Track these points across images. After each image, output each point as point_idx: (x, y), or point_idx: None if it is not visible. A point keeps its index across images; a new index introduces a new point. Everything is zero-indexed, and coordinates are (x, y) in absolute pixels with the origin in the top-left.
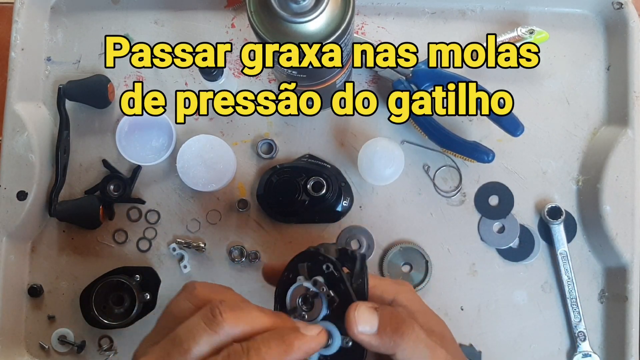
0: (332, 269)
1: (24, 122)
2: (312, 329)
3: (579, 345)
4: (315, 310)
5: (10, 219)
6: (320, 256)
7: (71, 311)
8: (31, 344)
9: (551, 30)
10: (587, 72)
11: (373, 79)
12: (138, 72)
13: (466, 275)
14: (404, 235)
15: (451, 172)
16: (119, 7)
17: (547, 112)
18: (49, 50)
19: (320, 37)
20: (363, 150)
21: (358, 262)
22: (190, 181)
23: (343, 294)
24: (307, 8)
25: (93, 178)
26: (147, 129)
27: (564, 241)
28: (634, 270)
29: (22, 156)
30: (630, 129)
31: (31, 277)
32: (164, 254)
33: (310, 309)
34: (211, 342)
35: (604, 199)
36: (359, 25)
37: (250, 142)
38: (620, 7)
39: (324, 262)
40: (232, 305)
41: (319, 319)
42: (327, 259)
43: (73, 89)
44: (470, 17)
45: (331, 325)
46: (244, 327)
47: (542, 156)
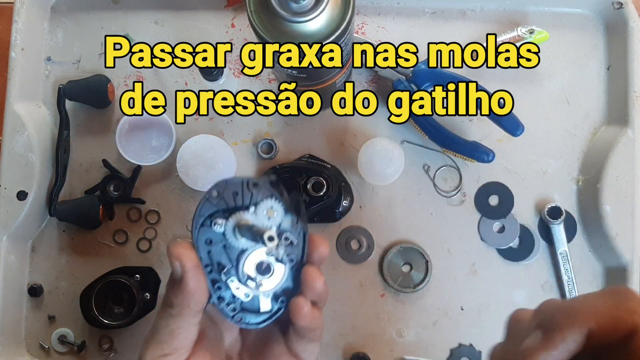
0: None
1: (24, 122)
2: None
3: None
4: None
5: (10, 218)
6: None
7: (71, 311)
8: (31, 343)
9: (551, 30)
10: (587, 72)
11: (373, 79)
12: (138, 72)
13: (466, 275)
14: (404, 235)
15: (451, 172)
16: (119, 7)
17: (547, 112)
18: (49, 50)
19: (320, 37)
20: (363, 150)
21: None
22: (190, 181)
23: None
24: (307, 8)
25: (93, 178)
26: (147, 129)
27: (564, 241)
28: (634, 271)
29: (22, 156)
30: (630, 129)
31: (31, 277)
32: (163, 254)
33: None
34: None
35: (604, 199)
36: (359, 25)
37: (250, 142)
38: (621, 7)
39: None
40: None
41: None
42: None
43: (73, 89)
44: (470, 16)
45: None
46: None
47: (542, 156)
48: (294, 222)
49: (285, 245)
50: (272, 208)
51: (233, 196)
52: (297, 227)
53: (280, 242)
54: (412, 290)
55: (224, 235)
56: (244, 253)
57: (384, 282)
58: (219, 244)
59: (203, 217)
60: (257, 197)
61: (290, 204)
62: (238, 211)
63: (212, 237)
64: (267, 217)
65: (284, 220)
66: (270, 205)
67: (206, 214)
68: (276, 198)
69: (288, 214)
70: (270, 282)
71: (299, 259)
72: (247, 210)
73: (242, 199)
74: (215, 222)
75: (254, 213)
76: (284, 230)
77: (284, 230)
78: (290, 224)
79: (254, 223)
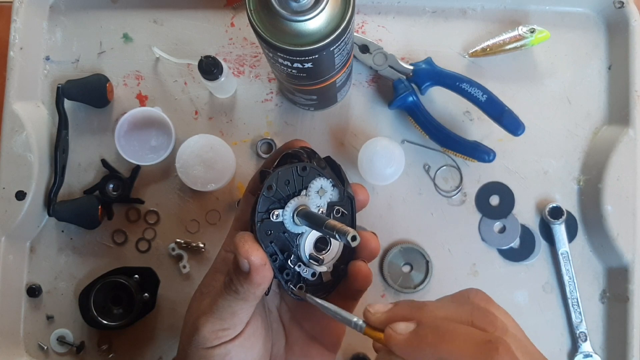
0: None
1: (23, 122)
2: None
3: (580, 346)
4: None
5: (8, 218)
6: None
7: (70, 311)
8: (30, 344)
9: (552, 30)
10: (588, 71)
11: (373, 78)
12: (137, 72)
13: (467, 275)
14: (405, 235)
15: (452, 172)
16: (117, 6)
17: (548, 111)
18: (47, 49)
19: (320, 36)
20: (363, 150)
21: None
22: (190, 181)
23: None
24: (307, 6)
25: (92, 178)
26: (146, 128)
27: (565, 241)
28: (635, 271)
29: (20, 156)
30: (632, 129)
31: (30, 277)
32: (163, 254)
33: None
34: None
35: (605, 199)
36: (359, 24)
37: (250, 142)
38: (622, 6)
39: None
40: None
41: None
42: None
43: (72, 89)
44: (471, 15)
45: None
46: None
47: (543, 156)
48: (341, 194)
49: (337, 217)
50: (322, 187)
51: (285, 185)
52: (344, 198)
53: (334, 213)
54: (412, 291)
55: (283, 224)
56: (303, 235)
57: (384, 282)
58: (279, 232)
59: (262, 213)
60: (307, 180)
61: (335, 177)
62: (293, 198)
63: (272, 228)
64: (319, 197)
65: (333, 194)
66: (320, 185)
67: (264, 210)
68: (323, 176)
69: (335, 188)
70: (329, 255)
71: (349, 224)
72: (300, 195)
73: (294, 186)
74: (273, 214)
75: (307, 195)
76: (334, 203)
77: (334, 203)
78: (339, 196)
79: (308, 205)
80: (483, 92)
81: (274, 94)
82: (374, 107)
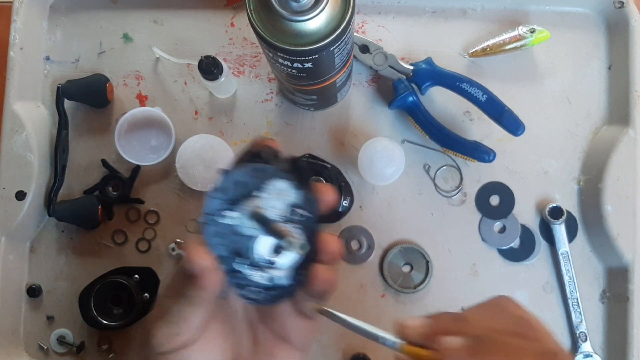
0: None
1: (23, 122)
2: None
3: (580, 346)
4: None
5: (8, 219)
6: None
7: (70, 311)
8: (30, 344)
9: (552, 29)
10: (589, 71)
11: (373, 78)
12: (137, 72)
13: (467, 275)
14: (405, 235)
15: (452, 172)
16: (118, 6)
17: (548, 111)
18: (47, 49)
19: (320, 36)
20: (363, 150)
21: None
22: (190, 181)
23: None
24: (307, 6)
25: (92, 178)
26: (146, 128)
27: (565, 241)
28: (635, 271)
29: (20, 156)
30: (632, 129)
31: (30, 277)
32: (163, 254)
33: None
34: None
35: (605, 199)
36: (359, 24)
37: (250, 142)
38: (622, 6)
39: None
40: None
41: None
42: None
43: (72, 89)
44: (471, 15)
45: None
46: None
47: (543, 156)
48: (306, 195)
49: (299, 220)
50: (281, 189)
51: (240, 186)
52: (306, 200)
53: (293, 216)
54: (412, 291)
55: (233, 226)
56: (258, 238)
57: (384, 282)
58: (230, 235)
59: (209, 214)
60: (265, 182)
61: (300, 178)
62: (244, 200)
63: (222, 230)
64: (278, 199)
65: (296, 196)
66: (279, 187)
67: (211, 211)
68: (283, 177)
69: (300, 190)
70: (288, 258)
71: (312, 226)
72: (253, 197)
73: (250, 187)
74: (223, 215)
75: (263, 197)
76: (297, 205)
77: (296, 205)
78: (302, 197)
79: (263, 207)
80: (483, 92)
81: (274, 94)
82: (374, 107)
